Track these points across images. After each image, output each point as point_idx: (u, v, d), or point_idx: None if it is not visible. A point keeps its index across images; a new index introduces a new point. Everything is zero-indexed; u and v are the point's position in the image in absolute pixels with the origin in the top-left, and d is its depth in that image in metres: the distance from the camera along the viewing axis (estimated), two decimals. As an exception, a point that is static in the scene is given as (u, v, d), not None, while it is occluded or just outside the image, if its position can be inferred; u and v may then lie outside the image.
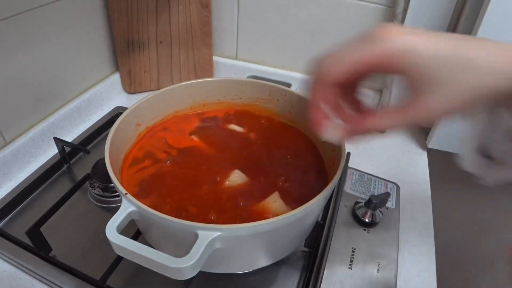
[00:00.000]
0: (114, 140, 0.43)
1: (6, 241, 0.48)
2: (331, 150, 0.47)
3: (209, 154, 0.49)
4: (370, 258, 0.48)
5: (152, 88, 0.81)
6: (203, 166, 0.47)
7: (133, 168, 0.46)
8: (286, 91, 0.54)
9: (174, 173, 0.46)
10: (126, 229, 0.35)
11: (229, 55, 0.85)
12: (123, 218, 0.34)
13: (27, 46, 0.58)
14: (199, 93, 0.55)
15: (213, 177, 0.45)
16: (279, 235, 0.39)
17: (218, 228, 0.33)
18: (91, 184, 0.55)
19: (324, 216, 0.51)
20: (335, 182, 0.38)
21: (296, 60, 0.79)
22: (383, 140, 0.73)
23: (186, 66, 0.81)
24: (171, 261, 0.31)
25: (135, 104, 0.48)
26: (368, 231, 0.51)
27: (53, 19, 0.61)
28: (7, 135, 0.58)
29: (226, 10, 0.79)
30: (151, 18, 0.75)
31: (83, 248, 0.48)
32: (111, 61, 0.78)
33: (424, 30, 0.29)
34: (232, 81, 0.56)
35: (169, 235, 0.37)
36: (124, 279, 0.45)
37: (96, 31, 0.72)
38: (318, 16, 0.72)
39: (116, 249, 0.33)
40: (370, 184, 0.59)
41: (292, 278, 0.46)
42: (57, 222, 0.50)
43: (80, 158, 0.63)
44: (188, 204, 0.42)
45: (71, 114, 0.68)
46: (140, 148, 0.49)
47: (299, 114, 0.53)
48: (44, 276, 0.45)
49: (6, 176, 0.58)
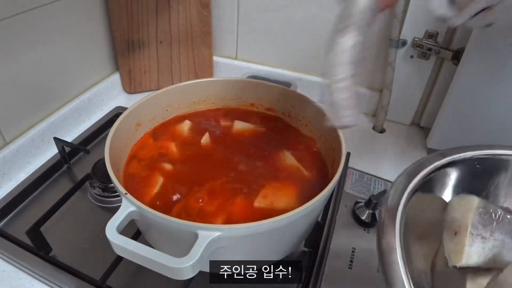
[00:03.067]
0: (114, 140, 0.43)
1: (6, 241, 0.48)
2: (331, 150, 0.47)
3: (209, 153, 0.49)
4: (370, 258, 0.48)
5: (152, 88, 0.81)
6: (204, 166, 0.47)
7: (133, 168, 0.46)
8: (286, 91, 0.54)
9: (174, 172, 0.46)
10: (126, 229, 0.35)
11: (229, 55, 0.85)
12: (123, 218, 0.34)
13: (27, 46, 0.58)
14: (199, 93, 0.55)
15: (215, 176, 0.45)
16: (279, 235, 0.39)
17: (218, 228, 0.33)
18: (91, 184, 0.55)
19: (324, 216, 0.51)
20: (335, 182, 0.39)
21: (296, 60, 0.79)
22: (383, 140, 0.73)
23: (186, 66, 0.81)
24: (171, 261, 0.31)
25: (135, 104, 0.48)
26: (368, 231, 0.51)
27: (53, 19, 0.61)
28: (7, 135, 0.58)
29: (226, 10, 0.79)
30: (151, 18, 0.75)
31: (83, 248, 0.48)
32: (111, 61, 0.78)
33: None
34: (232, 81, 0.56)
35: (169, 235, 0.37)
36: (124, 279, 0.45)
37: (96, 31, 0.72)
38: (318, 16, 0.72)
39: (116, 249, 0.33)
40: (370, 184, 0.59)
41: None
42: (57, 222, 0.50)
43: (80, 158, 0.63)
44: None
45: (71, 114, 0.68)
46: (140, 148, 0.49)
47: (299, 114, 0.54)
48: (44, 276, 0.45)
49: (6, 176, 0.58)
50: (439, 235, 0.36)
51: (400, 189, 0.33)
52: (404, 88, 0.71)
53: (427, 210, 0.38)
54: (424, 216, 0.37)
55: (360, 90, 0.36)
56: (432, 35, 0.65)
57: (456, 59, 0.63)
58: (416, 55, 0.67)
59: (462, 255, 0.34)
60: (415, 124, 0.76)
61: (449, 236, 0.36)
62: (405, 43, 0.67)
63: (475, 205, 0.35)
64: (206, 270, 0.40)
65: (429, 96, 0.72)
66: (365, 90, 0.38)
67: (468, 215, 0.35)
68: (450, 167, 0.37)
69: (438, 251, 0.36)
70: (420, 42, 0.65)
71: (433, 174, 0.36)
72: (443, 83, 0.67)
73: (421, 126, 0.75)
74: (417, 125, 0.76)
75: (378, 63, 0.72)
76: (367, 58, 0.38)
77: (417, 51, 0.67)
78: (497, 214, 0.35)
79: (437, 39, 0.65)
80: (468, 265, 0.34)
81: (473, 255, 0.34)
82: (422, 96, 0.72)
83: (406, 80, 0.70)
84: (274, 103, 0.55)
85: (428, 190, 0.37)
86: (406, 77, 0.70)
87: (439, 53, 0.64)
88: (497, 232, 0.34)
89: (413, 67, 0.69)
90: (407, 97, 0.73)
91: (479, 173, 0.38)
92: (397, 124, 0.76)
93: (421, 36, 0.66)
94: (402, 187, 0.33)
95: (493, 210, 0.35)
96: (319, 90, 0.38)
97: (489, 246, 0.34)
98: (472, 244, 0.34)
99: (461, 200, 0.37)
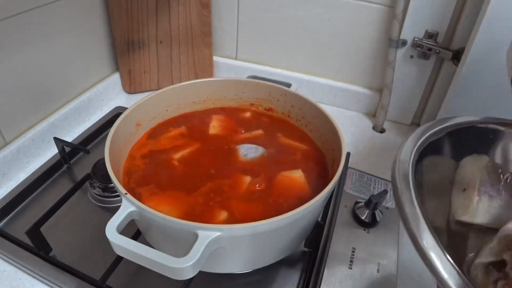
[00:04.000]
0: (114, 140, 0.43)
1: (6, 241, 0.48)
2: (331, 150, 0.47)
3: (210, 153, 0.49)
4: (370, 258, 0.48)
5: (152, 88, 0.81)
6: (204, 165, 0.47)
7: (133, 167, 0.46)
8: (286, 91, 0.54)
9: (175, 172, 0.46)
10: (126, 229, 0.35)
11: (229, 55, 0.85)
12: (123, 218, 0.34)
13: (27, 46, 0.58)
14: (199, 93, 0.55)
15: (217, 175, 0.45)
16: (279, 235, 0.39)
17: (218, 228, 0.33)
18: (91, 184, 0.55)
19: (324, 216, 0.51)
20: (335, 182, 0.39)
21: (296, 60, 0.79)
22: (383, 140, 0.73)
23: (186, 66, 0.81)
24: (171, 261, 0.31)
25: (135, 104, 0.48)
26: (368, 231, 0.51)
27: (53, 19, 0.61)
28: (7, 135, 0.58)
29: (226, 10, 0.79)
30: (151, 18, 0.75)
31: (83, 248, 0.48)
32: (111, 61, 0.78)
33: None
34: (232, 81, 0.56)
35: (169, 235, 0.37)
36: (124, 279, 0.45)
37: (96, 31, 0.72)
38: (318, 16, 0.72)
39: (116, 249, 0.33)
40: (370, 184, 0.59)
41: (292, 278, 0.46)
42: (57, 222, 0.50)
43: (80, 158, 0.63)
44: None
45: (71, 114, 0.68)
46: (140, 147, 0.49)
47: (299, 114, 0.54)
48: (44, 276, 0.45)
49: (6, 176, 0.58)
50: (449, 193, 0.37)
51: (411, 145, 0.33)
52: (404, 88, 0.72)
53: (439, 171, 0.38)
54: (436, 177, 0.37)
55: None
56: (432, 35, 0.65)
57: (456, 59, 0.63)
58: (416, 55, 0.67)
59: (468, 209, 0.34)
60: (415, 124, 0.77)
61: (457, 192, 0.36)
62: (405, 43, 0.67)
63: (485, 164, 0.36)
64: (206, 270, 0.40)
65: (429, 96, 0.72)
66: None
67: (477, 173, 0.35)
68: (462, 132, 0.37)
69: (450, 208, 0.36)
70: (420, 42, 0.65)
71: (445, 137, 0.36)
72: (443, 83, 0.67)
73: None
74: (417, 125, 0.76)
75: (378, 63, 0.72)
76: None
77: (417, 51, 0.67)
78: (505, 176, 0.35)
79: (437, 39, 0.65)
80: (473, 221, 0.34)
81: (479, 211, 0.34)
82: (422, 96, 0.72)
83: (406, 80, 0.70)
84: (274, 103, 0.55)
85: (439, 152, 0.37)
86: (406, 77, 0.70)
87: (439, 53, 0.64)
88: (503, 193, 0.35)
89: (413, 67, 0.69)
90: (407, 97, 0.73)
91: (490, 141, 0.38)
92: (397, 124, 0.76)
93: (421, 36, 0.66)
94: (413, 142, 0.34)
95: (502, 171, 0.36)
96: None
97: (495, 205, 0.34)
98: (479, 201, 0.34)
99: (473, 159, 0.37)
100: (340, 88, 0.78)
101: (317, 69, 0.78)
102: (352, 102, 0.79)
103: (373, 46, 0.71)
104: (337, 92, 0.79)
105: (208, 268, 0.40)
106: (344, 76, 0.77)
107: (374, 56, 0.72)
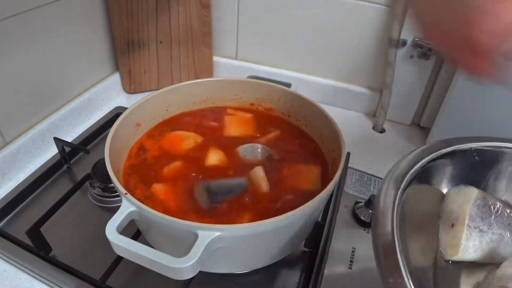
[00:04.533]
0: (114, 140, 0.43)
1: (6, 241, 0.48)
2: (331, 150, 0.47)
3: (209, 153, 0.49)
4: (370, 258, 0.48)
5: (152, 88, 0.81)
6: (205, 164, 0.47)
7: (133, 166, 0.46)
8: (286, 91, 0.54)
9: (175, 172, 0.46)
10: (126, 229, 0.35)
11: (229, 55, 0.85)
12: (123, 218, 0.34)
13: (27, 46, 0.58)
14: (199, 93, 0.55)
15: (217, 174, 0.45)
16: (279, 235, 0.39)
17: (218, 228, 0.33)
18: (91, 184, 0.55)
19: (324, 216, 0.51)
20: (335, 182, 0.39)
21: (296, 60, 0.79)
22: (383, 140, 0.73)
23: (186, 66, 0.81)
24: (171, 261, 0.31)
25: (135, 104, 0.48)
26: (368, 231, 0.51)
27: (53, 19, 0.61)
28: (7, 135, 0.58)
29: (226, 10, 0.79)
30: (151, 18, 0.75)
31: (83, 248, 0.48)
32: (111, 61, 0.78)
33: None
34: (232, 81, 0.56)
35: (169, 235, 0.37)
36: (124, 279, 0.45)
37: (96, 31, 0.72)
38: (318, 16, 0.72)
39: (116, 249, 0.33)
40: (370, 184, 0.59)
41: (292, 278, 0.46)
42: (57, 222, 0.50)
43: (80, 158, 0.63)
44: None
45: (71, 114, 0.68)
46: (140, 147, 0.49)
47: (299, 114, 0.54)
48: (44, 276, 0.45)
49: (6, 176, 0.58)
50: (436, 228, 0.35)
51: (396, 177, 0.31)
52: (404, 88, 0.71)
53: (424, 201, 0.36)
54: (421, 208, 0.35)
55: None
56: (432, 35, 0.65)
57: (456, 59, 0.63)
58: (416, 55, 0.67)
59: (458, 249, 0.32)
60: (415, 124, 0.77)
61: (445, 229, 0.34)
62: (405, 43, 0.67)
63: (474, 197, 0.33)
64: (206, 270, 0.40)
65: (429, 96, 0.72)
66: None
67: (466, 206, 0.33)
68: (448, 157, 0.35)
69: (438, 245, 0.35)
70: (420, 42, 0.65)
71: (430, 164, 0.34)
72: (443, 83, 0.67)
73: (421, 126, 0.75)
74: (417, 125, 0.76)
75: (378, 63, 0.72)
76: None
77: (417, 51, 0.67)
78: (496, 207, 0.33)
79: (437, 39, 0.65)
80: (464, 259, 0.32)
81: (470, 249, 0.32)
82: (422, 96, 0.72)
83: (406, 80, 0.70)
84: (274, 103, 0.55)
85: (425, 181, 0.35)
86: (406, 77, 0.70)
87: (439, 53, 0.64)
88: (495, 226, 0.33)
89: (413, 67, 0.69)
90: (407, 97, 0.73)
91: (478, 165, 0.36)
92: (397, 124, 0.76)
93: (421, 36, 0.66)
94: (398, 174, 0.31)
95: (492, 202, 0.33)
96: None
97: (487, 240, 0.32)
98: (469, 237, 0.32)
99: (460, 191, 0.35)
100: (340, 88, 0.78)
101: (317, 69, 0.78)
102: (352, 102, 0.79)
103: (373, 46, 0.71)
104: (337, 92, 0.79)
105: (208, 268, 0.40)
106: (344, 76, 0.77)
107: (374, 56, 0.72)
